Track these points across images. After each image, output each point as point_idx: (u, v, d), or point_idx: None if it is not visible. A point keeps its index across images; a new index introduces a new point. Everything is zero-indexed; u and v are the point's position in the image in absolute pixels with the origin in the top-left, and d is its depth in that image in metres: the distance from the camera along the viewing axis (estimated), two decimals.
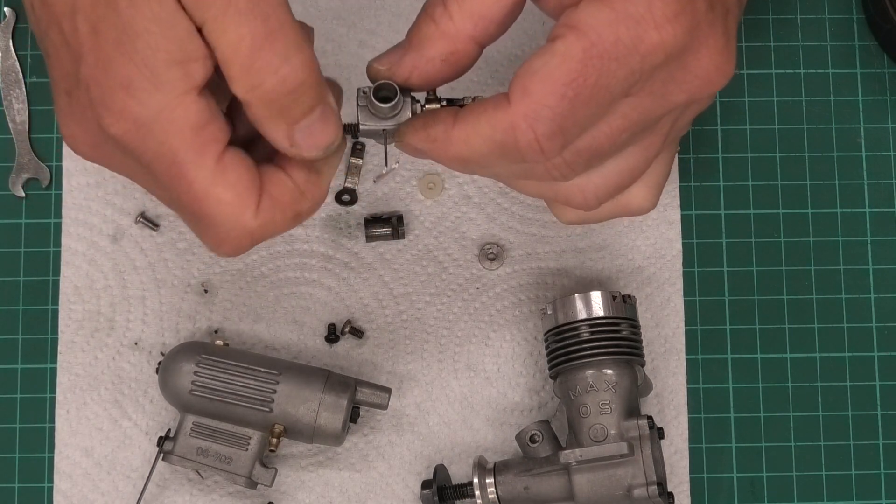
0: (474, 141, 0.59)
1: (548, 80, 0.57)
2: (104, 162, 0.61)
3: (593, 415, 0.73)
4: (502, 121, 0.58)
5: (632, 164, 0.65)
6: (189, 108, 0.55)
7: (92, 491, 0.79)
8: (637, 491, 0.72)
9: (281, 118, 0.57)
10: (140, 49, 0.54)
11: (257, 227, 0.58)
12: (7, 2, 0.84)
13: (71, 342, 0.80)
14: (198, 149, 0.56)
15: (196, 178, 0.56)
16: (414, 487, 0.79)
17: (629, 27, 0.57)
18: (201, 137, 0.56)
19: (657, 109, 0.61)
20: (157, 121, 0.55)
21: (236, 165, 0.57)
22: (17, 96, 0.82)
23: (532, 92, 0.57)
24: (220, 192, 0.57)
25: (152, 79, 0.54)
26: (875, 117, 0.84)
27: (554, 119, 0.57)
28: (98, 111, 0.56)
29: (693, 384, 0.81)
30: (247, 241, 0.59)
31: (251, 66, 0.55)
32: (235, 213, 0.57)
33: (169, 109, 0.55)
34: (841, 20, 0.85)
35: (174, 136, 0.55)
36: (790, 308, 0.82)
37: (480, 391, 0.80)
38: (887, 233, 0.83)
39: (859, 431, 0.81)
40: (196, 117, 0.55)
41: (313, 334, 0.81)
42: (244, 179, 0.57)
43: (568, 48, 0.57)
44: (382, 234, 0.81)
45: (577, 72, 0.57)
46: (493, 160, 0.60)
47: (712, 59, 0.60)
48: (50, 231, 0.81)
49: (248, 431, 0.75)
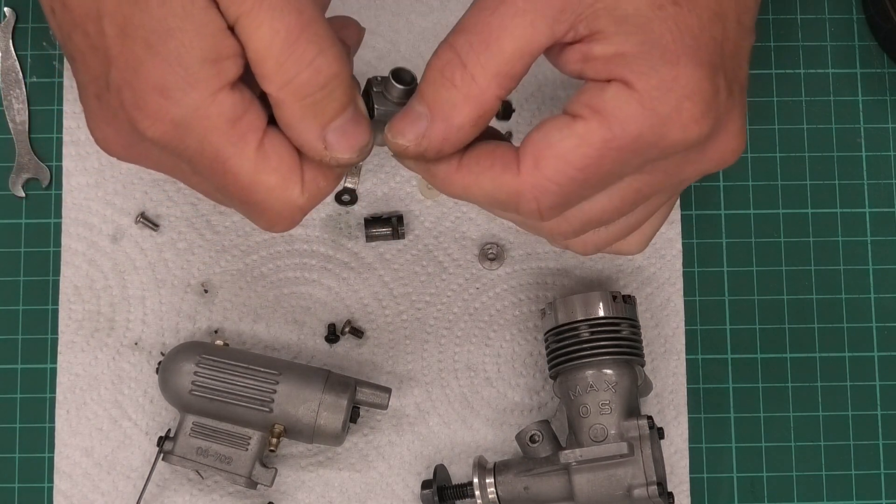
0: (474, 191, 0.59)
1: (561, 161, 0.56)
2: (140, 161, 0.61)
3: (593, 415, 0.73)
4: (508, 185, 0.58)
5: (632, 222, 0.65)
6: (223, 103, 0.55)
7: (92, 491, 0.79)
8: (637, 491, 0.72)
9: (314, 117, 0.56)
10: (173, 48, 0.54)
11: (307, 201, 0.58)
12: (7, 2, 0.84)
13: (71, 342, 0.80)
14: (237, 141, 0.56)
15: (240, 169, 0.57)
16: (414, 487, 0.79)
17: (654, 126, 0.56)
18: (239, 129, 0.56)
19: (668, 185, 0.61)
20: (194, 118, 0.55)
21: (276, 148, 0.57)
22: (17, 96, 0.82)
23: (543, 167, 0.57)
24: (265, 178, 0.57)
25: (186, 78, 0.54)
26: (875, 117, 0.84)
27: (559, 195, 0.57)
28: (133, 115, 0.56)
29: (693, 384, 0.81)
30: (298, 216, 0.59)
31: (286, 60, 0.55)
32: (284, 195, 0.58)
33: (205, 107, 0.55)
34: (841, 20, 0.85)
35: (212, 131, 0.55)
36: (790, 308, 0.82)
37: (480, 391, 0.80)
38: (887, 233, 0.83)
39: (859, 431, 0.81)
40: (231, 111, 0.55)
41: (313, 334, 0.81)
42: (286, 161, 0.57)
43: (588, 134, 0.56)
44: (382, 234, 0.81)
45: (592, 159, 0.56)
46: (489, 208, 0.61)
47: (728, 144, 0.60)
48: (50, 231, 0.81)
49: (248, 431, 0.75)
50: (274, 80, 0.55)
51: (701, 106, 0.56)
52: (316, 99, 0.56)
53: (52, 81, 0.83)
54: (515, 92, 0.60)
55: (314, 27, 0.55)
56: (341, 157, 0.57)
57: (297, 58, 0.55)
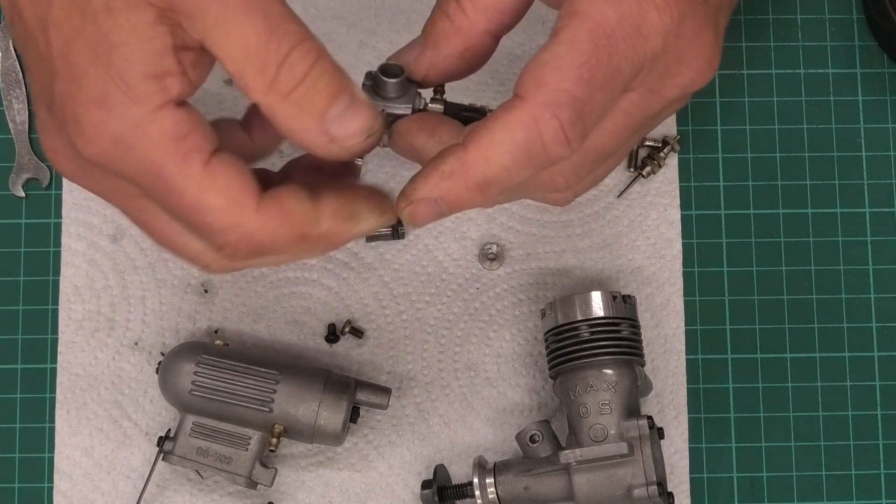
0: (494, 154, 0.56)
1: (561, 67, 0.56)
2: (86, 181, 0.59)
3: (593, 415, 0.73)
4: (522, 119, 0.56)
5: (611, 166, 0.65)
6: (166, 119, 0.53)
7: (92, 491, 0.79)
8: (637, 491, 0.72)
9: (307, 112, 0.54)
10: (116, 61, 0.53)
11: (257, 229, 0.55)
12: None
13: (71, 342, 0.80)
14: (181, 159, 0.54)
15: (185, 188, 0.54)
16: (414, 487, 0.79)
17: (631, 6, 0.56)
18: (183, 147, 0.54)
19: (655, 105, 0.61)
20: (134, 134, 0.53)
21: (226, 169, 0.55)
22: (17, 96, 0.82)
23: (547, 81, 0.56)
24: (210, 198, 0.54)
25: (128, 92, 0.53)
26: (875, 117, 0.84)
27: (574, 104, 0.56)
28: (73, 131, 0.54)
29: (693, 384, 0.81)
30: (245, 243, 0.55)
31: (264, 61, 0.53)
32: (230, 216, 0.55)
33: (146, 123, 0.53)
34: (841, 20, 0.85)
35: (154, 148, 0.53)
36: (790, 308, 0.82)
37: (480, 391, 0.80)
38: (887, 233, 0.83)
39: (859, 431, 0.81)
40: (174, 128, 0.54)
41: (313, 334, 0.81)
42: (236, 183, 0.55)
43: (574, 34, 0.56)
44: (382, 234, 0.81)
45: (588, 53, 0.56)
46: (518, 170, 0.58)
47: (704, 52, 0.60)
48: (50, 231, 0.81)
49: (248, 431, 0.75)
50: (256, 85, 0.54)
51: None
52: (301, 92, 0.54)
53: None
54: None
55: (283, 25, 0.54)
56: (348, 144, 0.55)
57: (273, 57, 0.53)
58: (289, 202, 0.56)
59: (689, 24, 0.58)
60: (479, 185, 0.57)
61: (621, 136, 0.61)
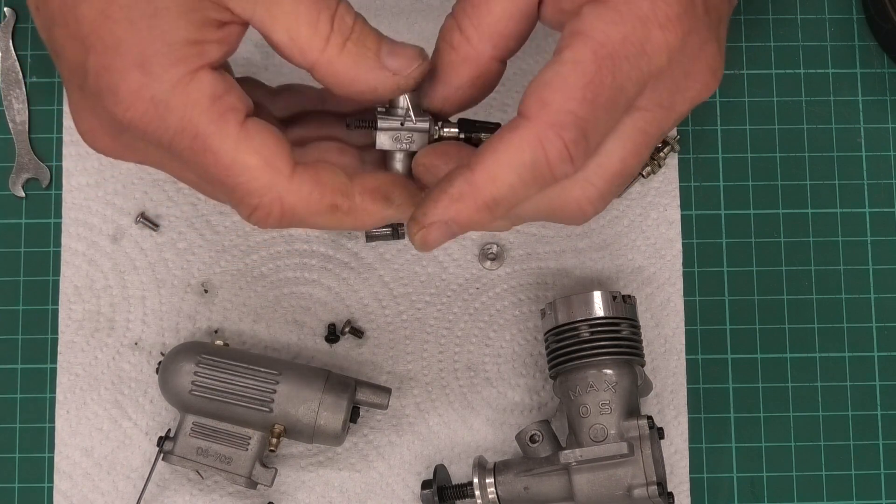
0: (501, 174, 0.57)
1: (564, 88, 0.56)
2: (126, 154, 0.61)
3: (593, 415, 0.73)
4: (526, 138, 0.57)
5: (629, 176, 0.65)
6: (204, 80, 0.56)
7: (92, 491, 0.79)
8: (637, 491, 0.72)
9: (365, 55, 0.58)
10: (156, 27, 0.55)
11: (288, 193, 0.57)
12: (7, 2, 0.84)
13: (71, 342, 0.80)
14: (218, 118, 0.56)
15: (221, 147, 0.56)
16: (414, 487, 0.79)
17: (635, 26, 0.57)
18: (220, 107, 0.56)
19: (668, 121, 0.61)
20: (173, 94, 0.55)
21: (261, 132, 0.57)
22: (17, 96, 0.82)
23: (550, 102, 0.56)
24: (245, 157, 0.57)
25: (168, 54, 0.55)
26: (875, 117, 0.84)
27: (577, 123, 0.57)
28: (110, 100, 0.56)
29: (693, 384, 0.81)
30: (277, 206, 0.58)
31: (317, 20, 0.56)
32: (264, 177, 0.57)
33: (185, 83, 0.55)
34: (841, 20, 0.85)
35: (192, 107, 0.56)
36: (790, 308, 0.82)
37: (480, 391, 0.80)
38: (887, 233, 0.83)
39: (859, 431, 0.81)
40: (212, 88, 0.56)
41: (313, 334, 0.81)
42: (270, 145, 0.57)
43: (577, 54, 0.56)
44: (382, 234, 0.81)
45: (591, 73, 0.56)
46: (524, 188, 0.58)
47: (709, 65, 0.61)
48: (50, 231, 0.81)
49: (248, 431, 0.75)
50: (313, 44, 0.57)
51: (675, 7, 0.57)
52: (355, 40, 0.57)
53: (52, 81, 0.83)
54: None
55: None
56: (409, 71, 0.58)
57: (325, 15, 0.57)
58: (323, 173, 0.58)
59: (693, 39, 0.59)
60: (488, 204, 0.58)
61: (642, 154, 0.61)
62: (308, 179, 0.58)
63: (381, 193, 0.60)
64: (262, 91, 0.66)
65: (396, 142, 0.62)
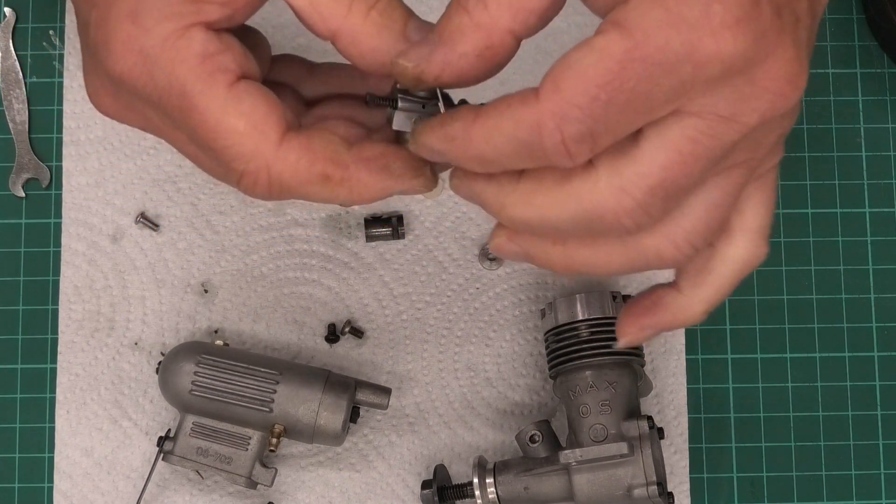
0: (496, 138, 0.53)
1: (581, 78, 0.51)
2: (127, 116, 0.60)
3: (593, 415, 0.73)
4: (528, 118, 0.52)
5: (717, 200, 0.57)
6: (194, 38, 0.54)
7: (92, 491, 0.79)
8: (637, 491, 0.72)
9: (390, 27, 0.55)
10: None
11: (275, 160, 0.54)
12: (7, 2, 0.84)
13: (71, 342, 0.80)
14: (207, 77, 0.54)
15: (207, 107, 0.54)
16: (414, 487, 0.79)
17: (681, 31, 0.50)
18: (209, 66, 0.54)
19: (731, 133, 0.54)
20: (162, 49, 0.53)
21: (251, 94, 0.54)
22: (17, 96, 0.82)
23: (563, 89, 0.51)
24: (232, 120, 0.54)
25: (162, 8, 0.53)
26: (875, 117, 0.84)
27: (583, 121, 0.51)
28: (103, 52, 0.55)
29: (693, 384, 0.81)
30: (264, 174, 0.54)
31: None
32: (250, 142, 0.54)
33: (174, 38, 0.53)
34: (841, 20, 0.85)
35: (180, 63, 0.53)
36: (790, 308, 0.82)
37: (480, 391, 0.80)
38: (887, 233, 0.83)
39: (859, 431, 0.81)
40: (202, 47, 0.54)
41: (313, 334, 0.81)
42: (260, 109, 0.54)
43: (608, 45, 0.50)
44: (382, 234, 0.81)
45: (613, 73, 0.50)
46: (517, 161, 0.54)
47: (782, 70, 0.53)
48: (50, 231, 0.81)
49: (248, 431, 0.75)
50: (336, 10, 0.54)
51: (735, 11, 0.50)
52: (380, 10, 0.54)
53: (52, 81, 0.83)
54: None
55: None
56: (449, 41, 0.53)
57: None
58: (316, 140, 0.55)
59: (758, 44, 0.52)
60: (478, 159, 0.55)
61: (691, 167, 0.54)
62: (298, 146, 0.54)
63: (379, 163, 0.56)
64: (298, 68, 0.64)
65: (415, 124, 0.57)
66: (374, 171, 0.56)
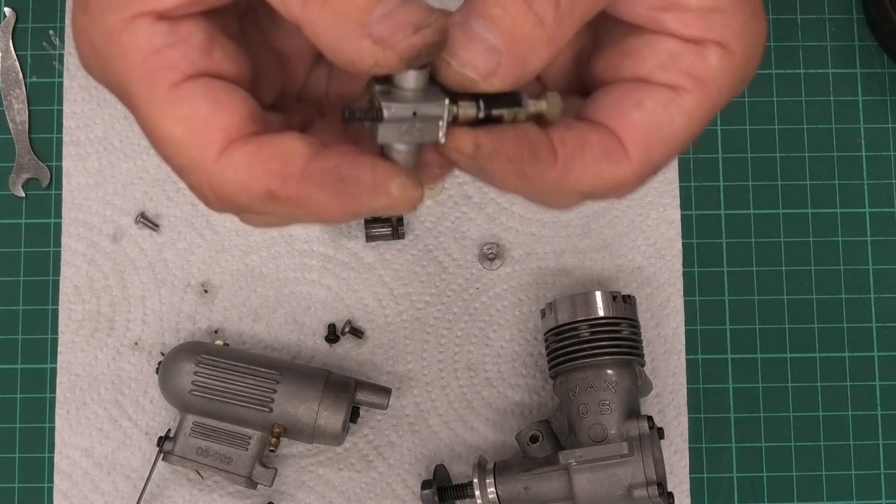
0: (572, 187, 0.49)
1: (671, 143, 0.49)
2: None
3: (593, 415, 0.73)
4: (616, 177, 0.48)
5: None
6: (140, 30, 0.46)
7: (92, 491, 0.79)
8: (637, 491, 0.72)
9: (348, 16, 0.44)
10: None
11: (213, 174, 0.46)
12: (7, 2, 0.84)
13: (71, 342, 0.80)
14: (147, 76, 0.46)
15: (146, 111, 0.47)
16: (414, 487, 0.79)
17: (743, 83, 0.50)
18: (152, 63, 0.46)
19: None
20: (107, 44, 0.47)
21: (194, 95, 0.46)
22: (17, 96, 0.82)
23: (654, 152, 0.49)
24: (169, 127, 0.46)
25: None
26: (875, 117, 0.84)
27: (655, 171, 0.50)
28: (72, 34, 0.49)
29: (693, 384, 0.81)
30: (207, 188, 0.47)
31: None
32: (189, 152, 0.46)
33: (118, 31, 0.46)
34: (841, 20, 0.85)
35: (122, 61, 0.47)
36: (790, 308, 0.82)
37: (480, 391, 0.80)
38: (887, 233, 0.83)
39: (859, 431, 0.81)
40: (146, 41, 0.46)
41: (313, 334, 0.81)
42: (201, 113, 0.46)
43: (696, 110, 0.49)
44: (382, 234, 0.81)
45: (696, 133, 0.50)
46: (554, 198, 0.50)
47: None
48: (50, 231, 0.81)
49: (248, 431, 0.75)
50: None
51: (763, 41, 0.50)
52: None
53: (52, 81, 0.83)
54: None
55: None
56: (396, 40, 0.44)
57: None
58: (265, 151, 0.46)
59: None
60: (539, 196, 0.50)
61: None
62: (241, 157, 0.46)
63: (331, 177, 0.46)
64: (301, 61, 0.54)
65: (405, 135, 0.46)
66: (327, 188, 0.46)
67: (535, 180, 0.48)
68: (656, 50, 0.49)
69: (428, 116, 0.46)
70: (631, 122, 0.49)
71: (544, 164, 0.47)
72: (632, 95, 0.49)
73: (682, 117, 0.49)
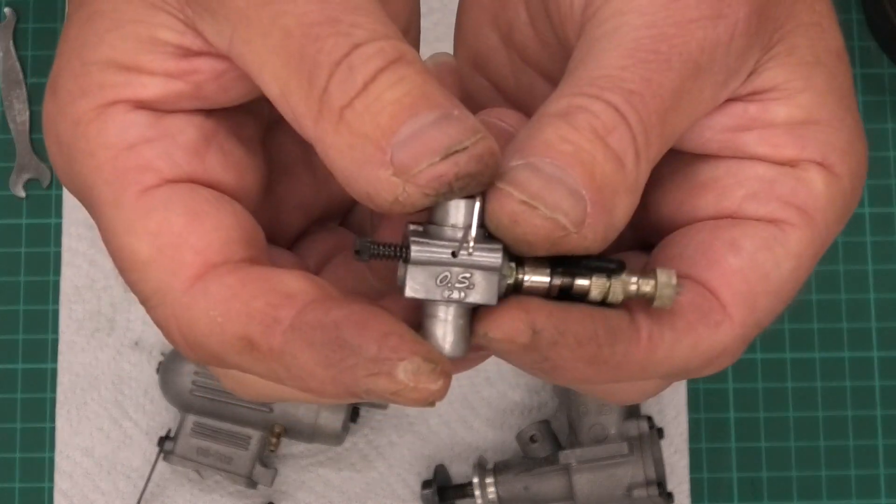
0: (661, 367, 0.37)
1: (778, 294, 0.39)
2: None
3: (593, 414, 0.73)
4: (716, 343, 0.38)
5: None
6: (111, 121, 0.36)
7: (92, 491, 0.79)
8: (637, 491, 0.72)
9: (367, 140, 0.33)
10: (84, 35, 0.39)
11: (182, 308, 0.36)
12: (7, 2, 0.84)
13: (71, 342, 0.80)
14: (116, 178, 0.36)
15: (110, 220, 0.36)
16: (414, 487, 0.79)
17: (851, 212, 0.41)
18: (122, 162, 0.36)
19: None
20: (73, 136, 0.37)
21: (168, 206, 0.36)
22: (18, 96, 0.82)
23: (759, 309, 0.38)
24: (131, 241, 0.36)
25: (80, 76, 0.37)
26: (875, 117, 0.84)
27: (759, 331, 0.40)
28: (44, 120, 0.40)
29: (693, 384, 0.81)
30: (172, 326, 0.36)
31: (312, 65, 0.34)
32: (155, 277, 0.36)
33: (86, 122, 0.37)
34: (841, 20, 0.84)
35: (88, 157, 0.37)
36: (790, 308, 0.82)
37: (480, 391, 0.80)
38: (887, 233, 0.83)
39: (859, 431, 0.81)
40: (117, 135, 0.36)
41: None
42: (173, 229, 0.36)
43: (804, 250, 0.39)
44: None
45: (805, 276, 0.40)
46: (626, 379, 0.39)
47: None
48: (50, 231, 0.81)
49: (249, 431, 0.75)
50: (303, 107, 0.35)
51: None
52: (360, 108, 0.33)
53: None
54: None
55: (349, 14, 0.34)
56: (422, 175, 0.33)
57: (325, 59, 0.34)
58: (252, 285, 0.35)
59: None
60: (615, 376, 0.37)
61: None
62: (219, 290, 0.35)
63: (329, 336, 0.34)
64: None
65: (442, 286, 0.34)
66: (317, 350, 0.34)
67: (615, 365, 0.36)
68: (743, 177, 0.38)
69: (475, 265, 0.34)
70: (727, 269, 0.38)
71: (627, 341, 0.36)
72: (723, 236, 0.38)
73: (790, 260, 0.39)
